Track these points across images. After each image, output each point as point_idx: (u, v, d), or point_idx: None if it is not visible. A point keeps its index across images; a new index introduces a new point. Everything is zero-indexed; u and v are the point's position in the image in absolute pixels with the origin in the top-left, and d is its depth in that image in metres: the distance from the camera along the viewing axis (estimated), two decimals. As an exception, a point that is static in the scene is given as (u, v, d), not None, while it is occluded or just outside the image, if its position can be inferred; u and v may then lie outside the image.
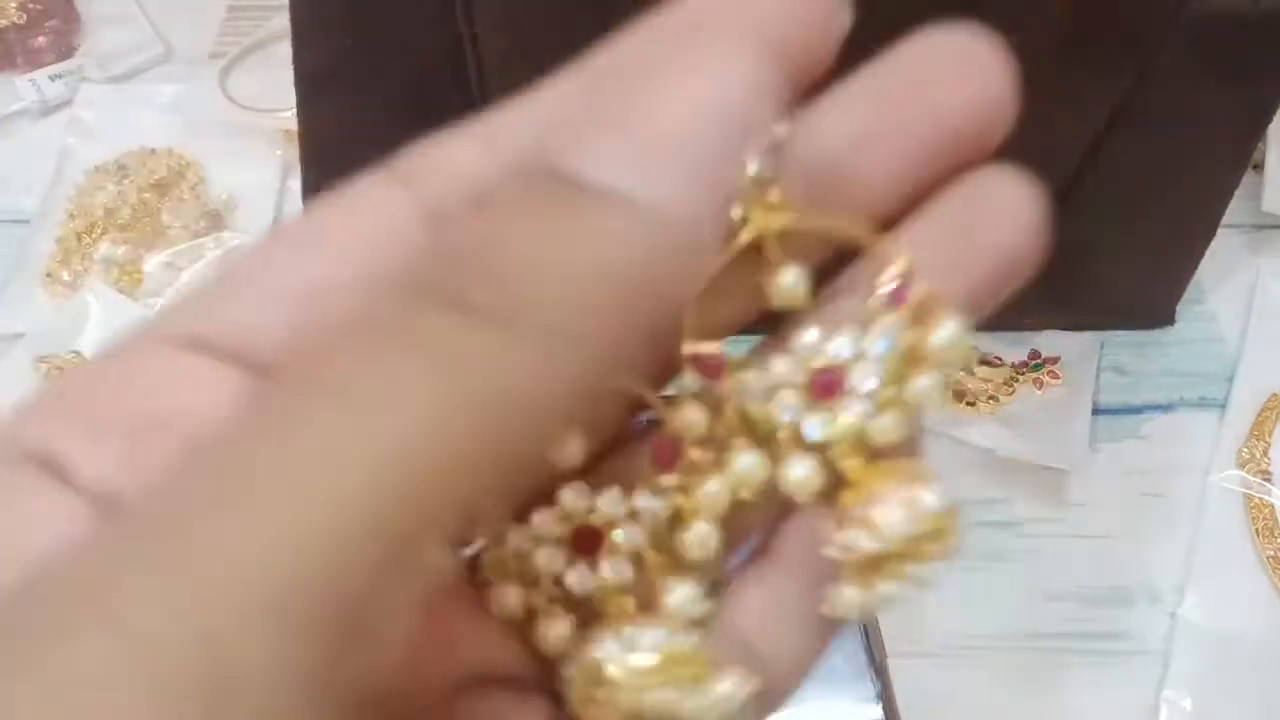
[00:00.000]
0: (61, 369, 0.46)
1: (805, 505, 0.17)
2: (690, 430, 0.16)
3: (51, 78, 0.55)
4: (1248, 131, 0.42)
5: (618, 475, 0.17)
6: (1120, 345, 0.46)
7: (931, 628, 0.41)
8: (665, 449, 0.16)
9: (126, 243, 0.50)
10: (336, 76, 0.41)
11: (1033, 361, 0.46)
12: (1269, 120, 0.41)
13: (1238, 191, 0.43)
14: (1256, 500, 0.43)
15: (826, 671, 0.38)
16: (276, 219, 0.52)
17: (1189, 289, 0.46)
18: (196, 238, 0.51)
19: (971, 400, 0.45)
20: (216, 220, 0.52)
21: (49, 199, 0.52)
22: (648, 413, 0.17)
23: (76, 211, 0.52)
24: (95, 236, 0.51)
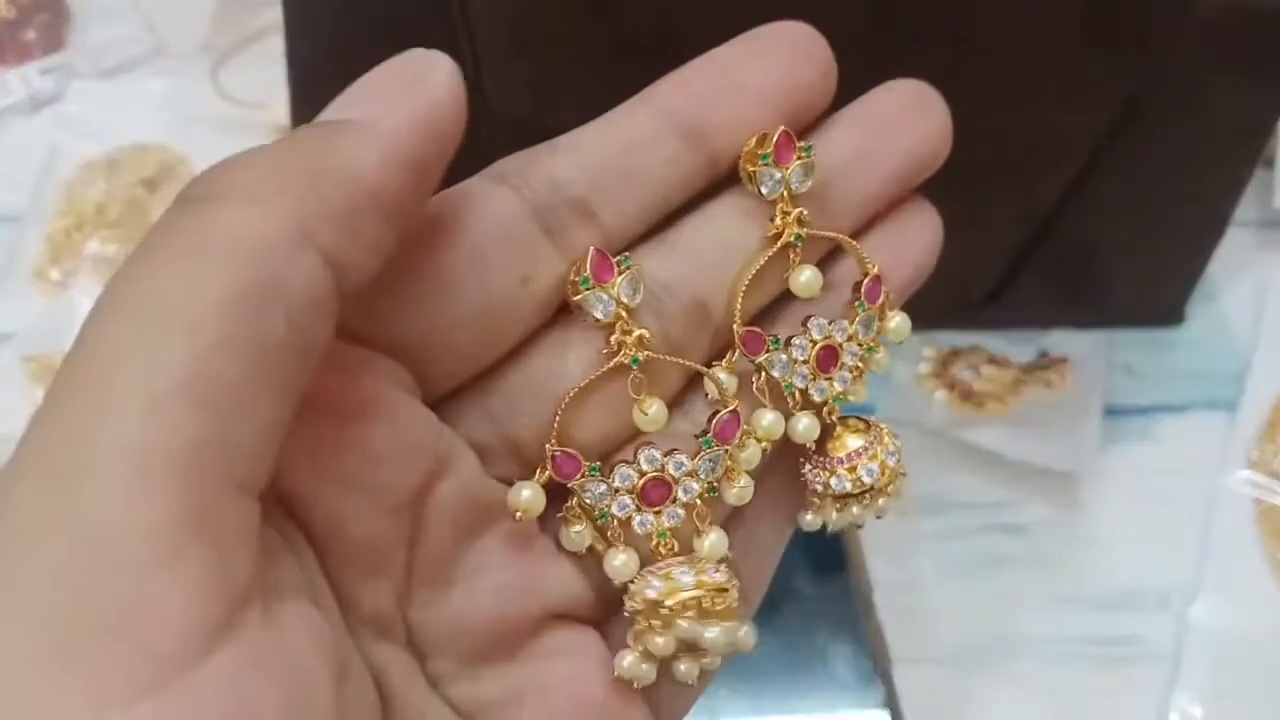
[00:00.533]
0: (51, 368, 0.46)
1: (804, 448, 0.23)
2: (730, 387, 0.22)
3: (40, 72, 0.54)
4: (1259, 128, 0.41)
5: (680, 438, 0.22)
6: (1130, 345, 0.46)
7: (938, 633, 0.41)
8: (727, 426, 0.21)
9: (117, 240, 0.50)
10: (330, 71, 0.40)
11: (1041, 361, 0.45)
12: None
13: (1248, 189, 0.43)
14: (1268, 502, 0.42)
15: (830, 677, 0.38)
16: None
17: (1200, 288, 0.46)
18: (188, 235, 0.50)
19: (979, 401, 0.44)
20: (208, 217, 0.51)
21: (38, 196, 0.51)
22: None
23: (66, 208, 0.51)
24: (85, 234, 0.50)
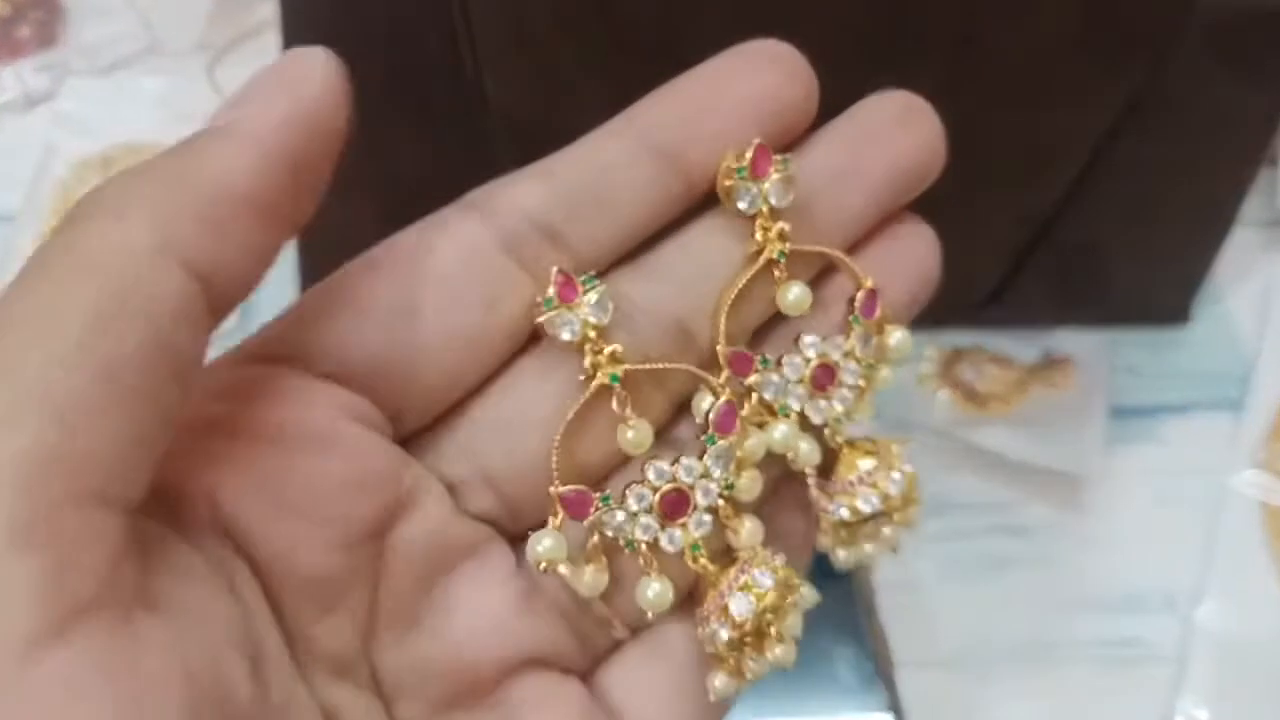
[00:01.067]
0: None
1: (806, 474, 0.22)
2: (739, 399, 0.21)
3: (35, 70, 0.54)
4: (1263, 127, 0.41)
5: (677, 446, 0.21)
6: (1134, 345, 0.46)
7: (941, 636, 0.41)
8: (725, 417, 0.21)
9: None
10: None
11: (1045, 361, 0.45)
12: (1286, 115, 0.40)
13: (1254, 188, 0.42)
14: (1274, 504, 0.42)
15: (832, 680, 0.38)
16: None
17: (1205, 288, 0.45)
18: (184, 234, 0.50)
19: (982, 402, 0.44)
20: (204, 216, 0.51)
21: (33, 195, 0.51)
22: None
23: (61, 207, 0.50)
24: (80, 233, 0.49)
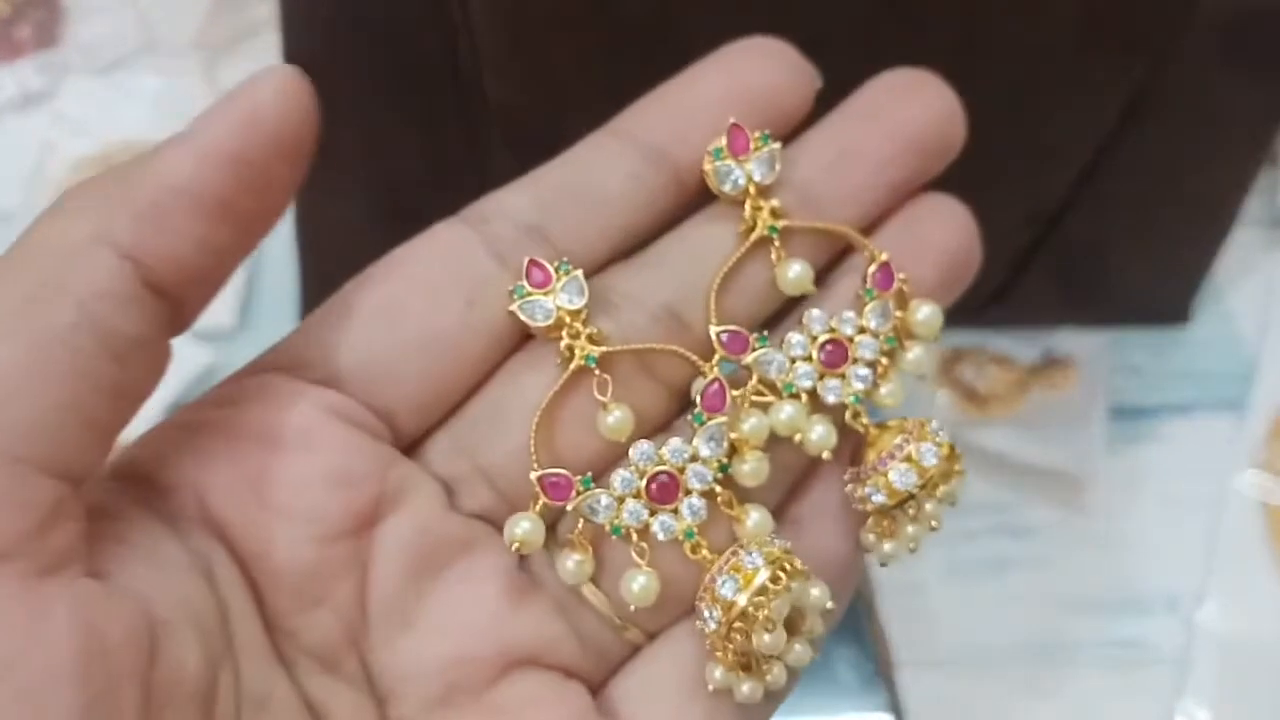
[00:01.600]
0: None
1: (826, 461, 0.21)
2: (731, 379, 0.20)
3: (34, 69, 0.54)
4: (1265, 126, 0.41)
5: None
6: (1136, 345, 0.45)
7: (943, 636, 0.41)
8: (714, 395, 0.20)
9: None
10: (327, 67, 0.40)
11: (1046, 362, 0.45)
12: (1288, 114, 0.40)
13: (1255, 187, 0.42)
14: (1276, 504, 0.42)
15: (833, 681, 0.38)
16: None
17: (1206, 287, 0.45)
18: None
19: (983, 402, 0.44)
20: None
21: (30, 195, 0.51)
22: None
23: (59, 207, 0.50)
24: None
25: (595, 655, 0.21)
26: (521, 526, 0.20)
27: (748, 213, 0.21)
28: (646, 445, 0.20)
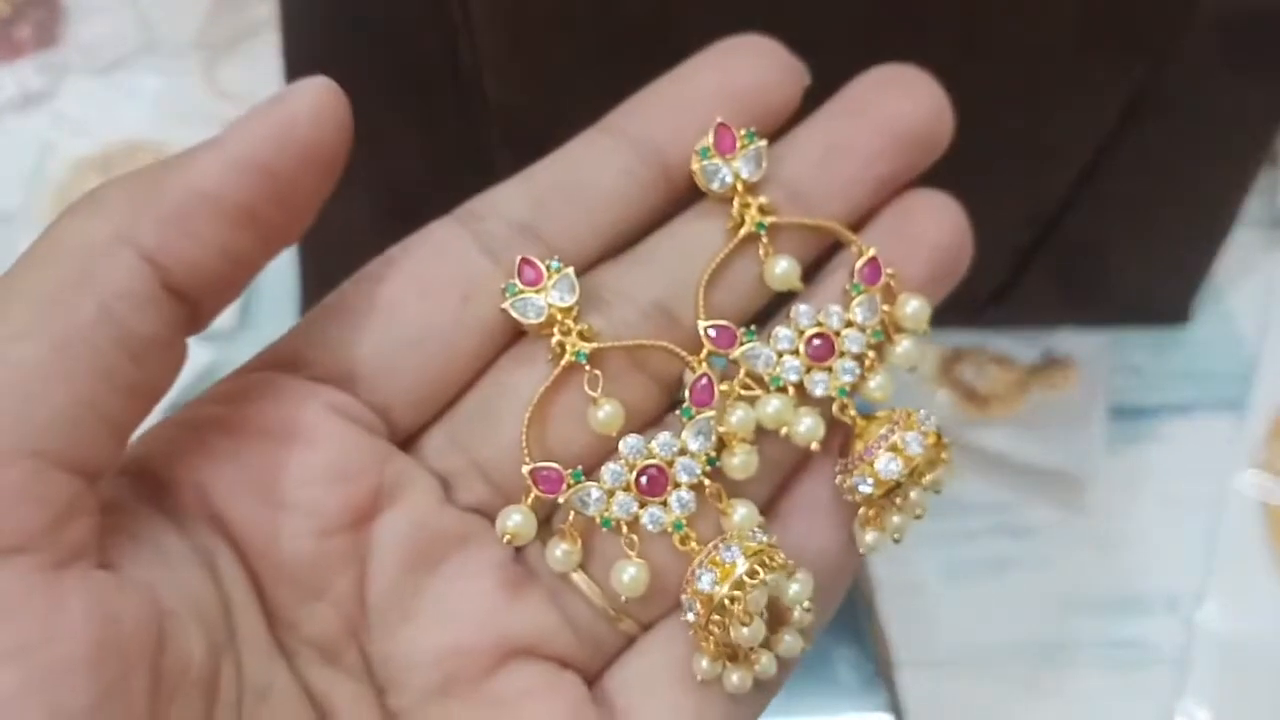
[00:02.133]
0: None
1: (814, 452, 0.21)
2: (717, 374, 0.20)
3: (34, 69, 0.54)
4: (1265, 126, 0.41)
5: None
6: (1136, 345, 0.45)
7: (943, 636, 0.41)
8: (702, 390, 0.20)
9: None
10: (327, 67, 0.40)
11: (1046, 362, 0.45)
12: (1288, 114, 0.40)
13: (1254, 188, 0.42)
14: (1276, 504, 0.42)
15: (833, 681, 0.38)
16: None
17: (1206, 288, 0.45)
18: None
19: (983, 402, 0.44)
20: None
21: (30, 195, 0.51)
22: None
23: (59, 207, 0.50)
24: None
25: (591, 646, 0.21)
26: (513, 519, 0.20)
27: (735, 210, 0.21)
28: (635, 439, 0.20)
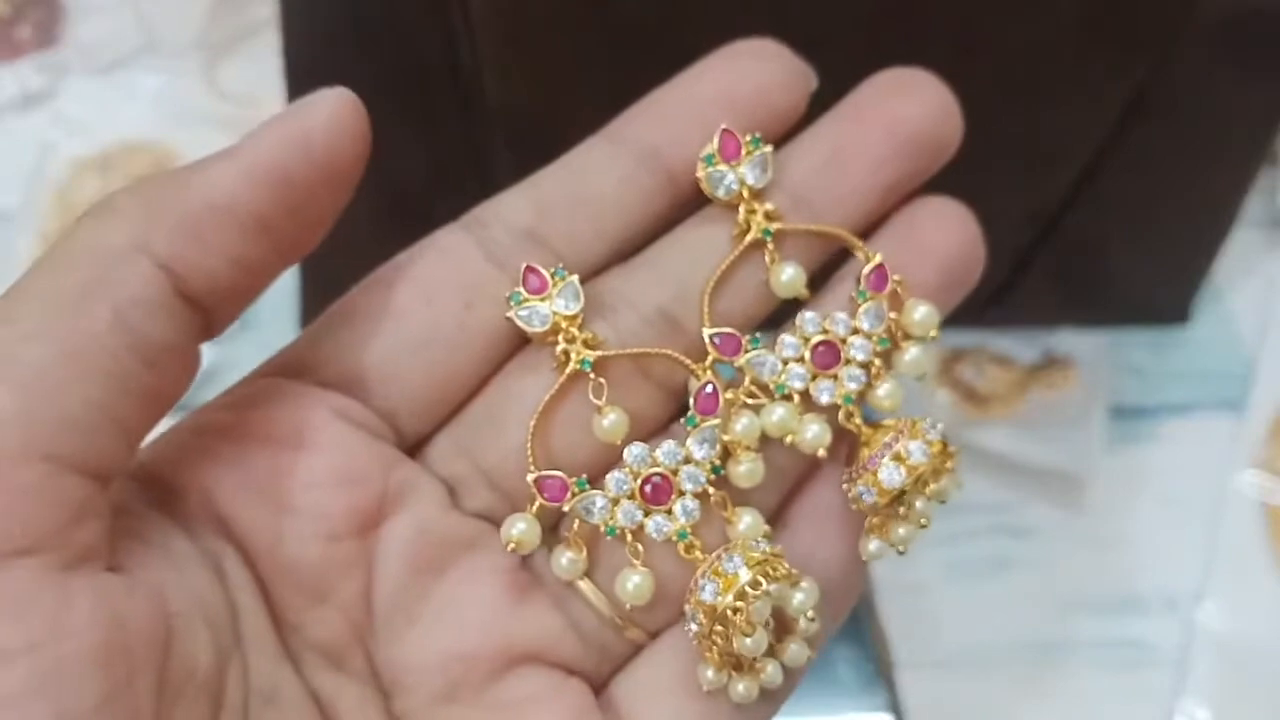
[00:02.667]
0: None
1: (821, 460, 0.21)
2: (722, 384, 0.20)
3: (34, 69, 0.54)
4: (1265, 126, 0.41)
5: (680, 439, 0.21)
6: (1136, 345, 0.45)
7: (942, 636, 0.41)
8: (706, 399, 0.20)
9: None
10: (327, 67, 0.40)
11: (1046, 362, 0.45)
12: (1288, 114, 0.40)
13: (1254, 188, 0.42)
14: (1275, 504, 0.42)
15: (833, 681, 0.38)
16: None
17: (1206, 287, 0.45)
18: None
19: (983, 402, 0.44)
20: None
21: (30, 195, 0.51)
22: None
23: (59, 208, 0.50)
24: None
25: (597, 653, 0.21)
26: (518, 527, 0.20)
27: (742, 216, 0.21)
28: (640, 447, 0.20)
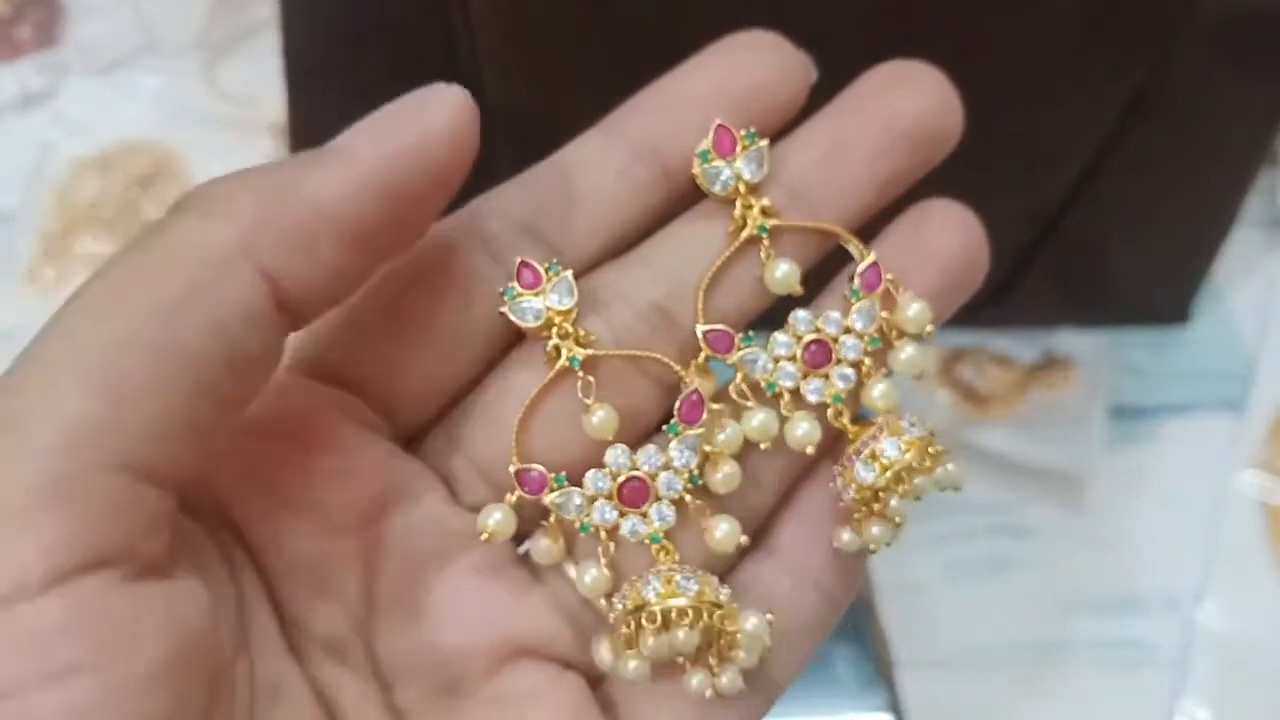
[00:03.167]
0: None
1: (810, 456, 0.21)
2: (707, 390, 0.20)
3: (34, 69, 0.54)
4: (1265, 126, 0.41)
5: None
6: (1135, 345, 0.45)
7: (942, 636, 0.41)
8: (691, 408, 0.20)
9: (111, 239, 0.49)
10: (327, 67, 0.40)
11: (1046, 362, 0.45)
12: (1288, 114, 0.40)
13: (1254, 188, 0.42)
14: (1275, 503, 0.42)
15: (832, 681, 0.38)
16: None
17: (1205, 287, 0.45)
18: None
19: (983, 402, 0.44)
20: (203, 216, 0.51)
21: (30, 195, 0.51)
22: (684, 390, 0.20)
23: (59, 208, 0.50)
24: (79, 233, 0.50)
25: (586, 643, 0.21)
26: (494, 517, 0.20)
27: (738, 212, 0.21)
28: (621, 450, 0.20)
